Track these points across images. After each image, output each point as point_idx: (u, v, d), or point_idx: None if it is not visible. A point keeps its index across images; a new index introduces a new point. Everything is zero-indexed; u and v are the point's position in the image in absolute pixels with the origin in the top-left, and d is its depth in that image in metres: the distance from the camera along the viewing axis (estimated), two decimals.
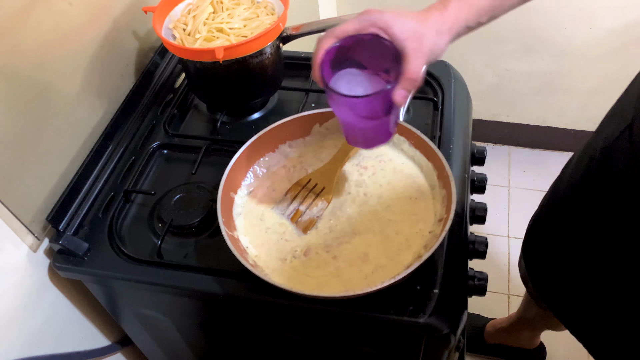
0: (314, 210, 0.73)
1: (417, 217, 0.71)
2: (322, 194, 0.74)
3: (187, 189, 0.79)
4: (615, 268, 0.68)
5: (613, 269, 0.69)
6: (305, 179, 0.76)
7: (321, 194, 0.74)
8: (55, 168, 0.78)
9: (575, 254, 0.76)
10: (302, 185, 0.75)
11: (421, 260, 0.61)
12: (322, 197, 0.74)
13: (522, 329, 1.32)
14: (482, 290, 0.74)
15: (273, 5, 0.88)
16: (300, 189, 0.75)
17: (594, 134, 0.76)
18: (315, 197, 0.74)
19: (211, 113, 0.94)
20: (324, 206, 0.73)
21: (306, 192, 0.74)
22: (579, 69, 1.63)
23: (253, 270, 0.62)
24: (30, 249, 0.74)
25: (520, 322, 1.31)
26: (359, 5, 1.59)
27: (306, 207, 0.73)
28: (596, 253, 0.71)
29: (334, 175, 0.75)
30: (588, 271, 0.74)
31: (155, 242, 0.74)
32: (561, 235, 0.79)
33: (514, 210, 1.75)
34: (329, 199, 0.73)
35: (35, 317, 0.76)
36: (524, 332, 1.33)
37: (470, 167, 0.86)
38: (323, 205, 0.73)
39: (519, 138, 1.91)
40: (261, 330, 0.80)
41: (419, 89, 0.59)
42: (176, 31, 0.85)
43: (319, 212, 0.73)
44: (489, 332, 1.42)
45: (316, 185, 0.75)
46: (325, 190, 0.74)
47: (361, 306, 0.65)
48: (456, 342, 0.67)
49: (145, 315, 0.83)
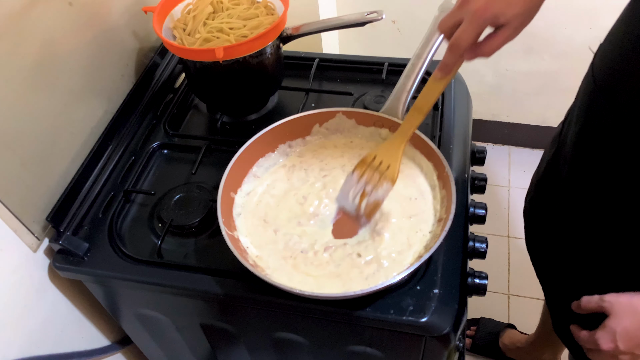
0: (379, 192, 0.68)
1: (417, 217, 0.71)
2: (387, 173, 0.69)
3: (187, 189, 0.79)
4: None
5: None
6: (371, 155, 0.71)
7: (386, 172, 0.69)
8: (55, 168, 0.78)
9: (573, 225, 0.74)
10: (368, 164, 0.70)
11: (421, 260, 0.61)
12: (387, 177, 0.69)
13: (542, 348, 1.29)
14: (482, 290, 0.74)
15: (273, 5, 0.88)
16: (366, 168, 0.70)
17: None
18: (380, 176, 0.69)
19: (211, 113, 0.94)
20: (388, 187, 0.68)
21: (372, 171, 0.70)
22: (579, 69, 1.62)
23: (253, 270, 0.62)
24: (30, 249, 0.74)
25: (539, 340, 1.27)
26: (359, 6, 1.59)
27: (372, 188, 0.69)
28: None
29: (399, 151, 0.70)
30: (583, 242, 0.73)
31: (155, 242, 0.74)
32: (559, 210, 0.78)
33: (514, 210, 1.75)
34: (394, 178, 0.68)
35: (35, 317, 0.76)
36: (544, 353, 1.30)
37: (470, 167, 0.86)
38: (388, 187, 0.68)
39: (519, 138, 1.91)
40: (261, 330, 0.80)
41: (419, 89, 0.59)
42: (176, 31, 0.85)
43: (384, 194, 0.68)
44: (506, 346, 1.39)
45: (381, 163, 0.70)
46: (390, 168, 0.69)
47: (361, 306, 0.65)
48: (456, 342, 0.67)
49: (145, 315, 0.83)
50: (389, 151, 0.70)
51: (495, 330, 1.42)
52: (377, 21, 0.83)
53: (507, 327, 1.43)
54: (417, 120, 0.70)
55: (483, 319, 1.46)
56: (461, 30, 0.58)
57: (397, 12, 1.62)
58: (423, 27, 0.77)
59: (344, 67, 0.99)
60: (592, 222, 0.69)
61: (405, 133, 0.70)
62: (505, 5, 0.55)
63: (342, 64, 0.99)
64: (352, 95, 0.92)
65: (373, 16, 0.82)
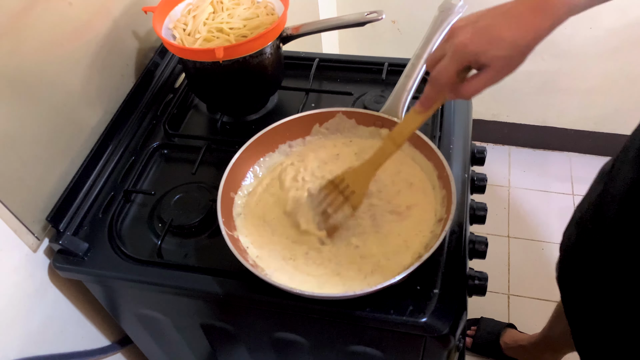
0: (339, 215, 0.70)
1: (417, 217, 0.71)
2: (351, 199, 0.70)
3: (187, 189, 0.79)
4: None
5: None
6: (339, 177, 0.71)
7: (350, 198, 0.70)
8: (55, 168, 0.78)
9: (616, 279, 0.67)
10: (336, 185, 0.71)
11: (421, 260, 0.61)
12: (350, 203, 0.70)
13: (544, 350, 1.28)
14: (482, 290, 0.74)
15: (273, 5, 0.88)
16: (332, 189, 0.71)
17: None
18: (343, 200, 0.70)
19: (211, 113, 0.94)
20: (348, 214, 0.70)
21: (337, 194, 0.71)
22: (579, 69, 1.63)
23: (253, 270, 0.62)
24: (30, 249, 0.74)
25: (543, 342, 1.26)
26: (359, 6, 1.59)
27: (333, 211, 0.70)
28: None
29: (367, 181, 0.69)
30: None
31: (155, 242, 0.74)
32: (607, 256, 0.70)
33: (514, 210, 1.75)
34: (356, 206, 0.69)
35: (35, 317, 0.76)
36: (545, 354, 1.29)
37: (470, 167, 0.86)
38: (347, 213, 0.70)
39: (519, 138, 1.91)
40: (261, 330, 0.80)
41: (419, 89, 0.59)
42: (176, 31, 0.85)
43: (343, 219, 0.70)
44: (507, 344, 1.38)
45: (347, 187, 0.70)
46: (355, 195, 0.70)
47: (361, 306, 0.65)
48: (456, 342, 0.67)
49: (145, 315, 0.83)
50: (357, 178, 0.70)
51: (496, 330, 1.42)
52: (377, 21, 0.83)
53: (507, 326, 1.43)
54: (390, 150, 0.67)
55: (483, 318, 1.46)
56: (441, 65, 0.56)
57: (397, 12, 1.62)
58: (423, 27, 0.77)
59: (344, 67, 0.99)
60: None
61: (375, 163, 0.69)
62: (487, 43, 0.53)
63: (342, 64, 0.99)
64: (352, 95, 0.92)
65: (373, 16, 0.82)
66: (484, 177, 0.88)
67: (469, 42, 0.53)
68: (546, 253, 1.63)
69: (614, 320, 0.68)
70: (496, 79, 0.55)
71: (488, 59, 0.53)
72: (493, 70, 0.54)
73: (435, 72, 0.57)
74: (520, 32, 0.52)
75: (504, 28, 0.53)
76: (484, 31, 0.53)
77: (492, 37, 0.53)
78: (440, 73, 0.56)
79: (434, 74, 0.57)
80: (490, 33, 0.53)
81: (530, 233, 1.68)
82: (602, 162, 0.85)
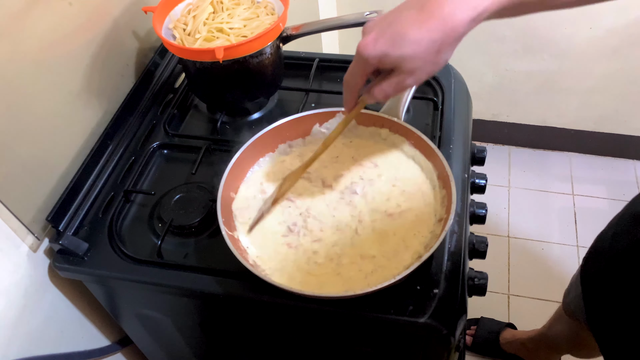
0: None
1: (417, 217, 0.71)
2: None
3: (187, 189, 0.79)
4: None
5: None
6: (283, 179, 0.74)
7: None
8: (55, 168, 0.78)
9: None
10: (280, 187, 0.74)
11: (421, 260, 0.61)
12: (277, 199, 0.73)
13: (540, 347, 1.28)
14: (482, 290, 0.74)
15: (273, 5, 0.88)
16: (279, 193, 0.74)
17: None
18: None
19: (211, 113, 0.95)
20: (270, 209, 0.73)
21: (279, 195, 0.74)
22: (579, 69, 1.63)
23: (253, 270, 0.62)
24: (30, 249, 0.74)
25: (540, 339, 1.26)
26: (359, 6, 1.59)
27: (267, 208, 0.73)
28: None
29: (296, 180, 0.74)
30: None
31: (155, 242, 0.74)
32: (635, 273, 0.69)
33: (514, 210, 1.75)
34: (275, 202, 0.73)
35: (35, 317, 0.76)
36: (541, 351, 1.29)
37: (470, 167, 0.86)
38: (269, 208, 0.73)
39: (519, 138, 1.91)
40: (261, 330, 0.80)
41: (419, 89, 0.58)
42: (176, 31, 0.85)
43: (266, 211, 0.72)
44: (506, 339, 1.39)
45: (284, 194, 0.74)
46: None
47: (361, 306, 0.65)
48: (456, 342, 0.67)
49: (145, 315, 0.83)
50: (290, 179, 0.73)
51: (495, 329, 1.42)
52: None
53: (506, 326, 1.43)
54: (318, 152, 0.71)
55: (483, 318, 1.46)
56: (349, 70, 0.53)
57: None
58: None
59: (344, 67, 0.99)
60: None
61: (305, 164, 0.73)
62: (390, 44, 0.47)
63: (342, 64, 0.99)
64: None
65: (373, 16, 0.82)
66: (484, 177, 0.88)
67: (369, 45, 0.48)
68: (546, 253, 1.63)
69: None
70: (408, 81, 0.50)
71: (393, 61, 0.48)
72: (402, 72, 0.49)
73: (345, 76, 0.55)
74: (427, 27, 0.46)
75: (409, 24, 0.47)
76: (386, 29, 0.48)
77: (395, 37, 0.47)
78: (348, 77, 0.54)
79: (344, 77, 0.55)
80: (392, 31, 0.47)
81: (530, 233, 1.68)
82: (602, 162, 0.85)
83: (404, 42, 0.47)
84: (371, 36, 0.49)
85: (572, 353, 1.22)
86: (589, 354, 1.16)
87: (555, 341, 1.21)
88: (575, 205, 1.72)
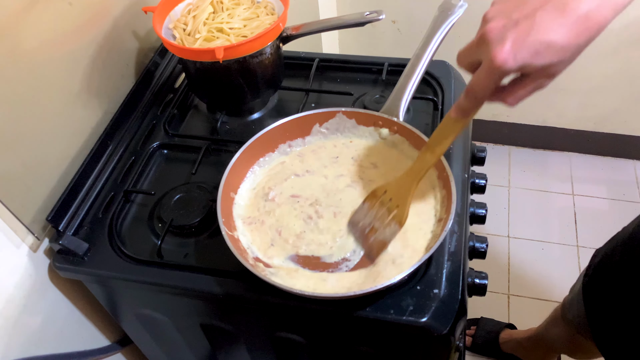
0: (387, 232, 0.66)
1: (417, 217, 0.70)
2: (397, 213, 0.66)
3: (187, 189, 0.79)
4: None
5: None
6: (382, 189, 0.68)
7: (396, 212, 0.66)
8: (55, 168, 0.78)
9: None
10: (379, 197, 0.68)
11: (421, 260, 0.61)
12: (396, 218, 0.66)
13: (537, 346, 1.29)
14: (482, 290, 0.74)
15: (273, 5, 0.88)
16: (376, 201, 0.68)
17: None
18: (389, 215, 0.66)
19: (211, 113, 0.95)
20: (396, 230, 0.65)
21: (382, 206, 0.67)
22: (579, 69, 1.62)
23: (253, 270, 0.62)
24: (30, 249, 0.74)
25: (537, 339, 1.27)
26: (359, 6, 1.59)
27: (380, 225, 0.66)
28: None
29: (409, 193, 0.66)
30: None
31: (155, 242, 0.75)
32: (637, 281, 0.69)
33: (514, 210, 1.75)
34: (402, 221, 0.65)
35: (35, 317, 0.76)
36: (538, 350, 1.30)
37: (470, 167, 0.86)
38: (395, 229, 0.65)
39: (519, 138, 1.91)
40: (261, 330, 0.80)
41: (419, 89, 0.57)
42: (176, 31, 0.85)
43: (391, 235, 0.66)
44: (504, 339, 1.39)
45: (391, 200, 0.67)
46: (399, 209, 0.66)
47: (361, 306, 0.65)
48: (456, 342, 0.67)
49: (145, 315, 0.83)
50: (399, 190, 0.67)
51: (495, 329, 1.42)
52: (377, 21, 0.83)
53: (506, 326, 1.43)
54: (429, 161, 0.65)
55: (483, 318, 1.46)
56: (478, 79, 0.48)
57: (397, 12, 1.62)
58: (423, 27, 0.77)
59: (344, 67, 0.99)
60: None
61: (416, 174, 0.66)
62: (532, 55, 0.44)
63: (342, 64, 0.99)
64: (352, 95, 0.92)
65: (373, 16, 0.82)
66: (484, 177, 0.88)
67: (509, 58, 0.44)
68: (546, 253, 1.63)
69: None
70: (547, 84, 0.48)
71: (535, 69, 0.46)
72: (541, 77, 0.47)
73: (471, 85, 0.50)
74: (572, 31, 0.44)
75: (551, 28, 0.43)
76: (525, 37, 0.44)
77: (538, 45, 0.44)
78: (477, 87, 0.49)
79: (471, 87, 0.50)
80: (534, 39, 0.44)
81: (530, 233, 1.68)
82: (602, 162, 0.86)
83: (550, 51, 0.44)
84: (508, 46, 0.44)
85: (567, 354, 1.22)
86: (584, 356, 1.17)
87: (551, 343, 1.22)
88: (575, 205, 1.72)
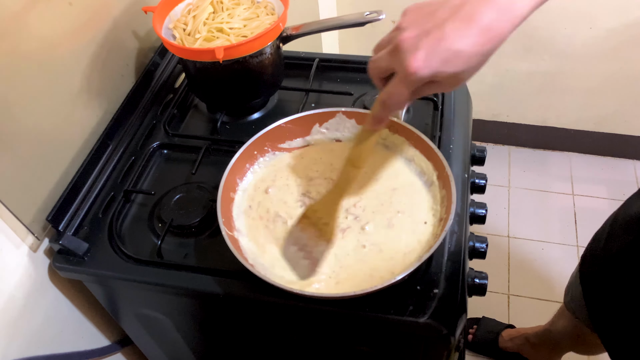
0: (315, 251, 0.66)
1: (417, 217, 0.70)
2: (325, 231, 0.67)
3: (187, 189, 0.79)
4: None
5: None
6: (312, 209, 0.69)
7: (324, 230, 0.67)
8: (56, 168, 0.78)
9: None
10: (309, 217, 0.68)
11: (421, 260, 0.61)
12: (324, 236, 0.67)
13: (544, 342, 1.28)
14: (482, 290, 0.74)
15: (273, 5, 0.88)
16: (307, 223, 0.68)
17: None
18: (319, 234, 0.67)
19: (211, 113, 0.95)
20: (323, 248, 0.66)
21: (313, 227, 0.67)
22: (579, 69, 1.63)
23: (253, 270, 0.62)
24: (30, 249, 0.74)
25: (544, 334, 1.27)
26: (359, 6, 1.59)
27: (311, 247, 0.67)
28: None
29: (336, 209, 0.67)
30: None
31: (155, 242, 0.75)
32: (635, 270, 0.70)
33: (514, 210, 1.75)
34: (330, 239, 0.66)
35: (35, 317, 0.76)
36: (544, 347, 1.29)
37: (470, 167, 0.86)
38: (322, 247, 0.66)
39: (519, 138, 1.91)
40: (261, 330, 0.80)
41: None
42: (176, 31, 0.85)
43: (320, 254, 0.66)
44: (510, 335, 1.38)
45: (321, 219, 0.67)
46: (328, 227, 0.67)
47: (361, 306, 0.65)
48: (456, 342, 0.67)
49: (145, 315, 0.83)
50: (326, 207, 0.67)
51: (496, 329, 1.42)
52: (377, 21, 0.83)
53: (507, 327, 1.43)
54: (354, 175, 0.66)
55: (484, 318, 1.46)
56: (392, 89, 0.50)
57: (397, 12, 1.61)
58: None
59: (344, 67, 0.99)
60: None
61: (341, 188, 0.67)
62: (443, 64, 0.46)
63: (342, 64, 0.99)
64: (352, 95, 0.92)
65: (373, 16, 0.82)
66: (484, 177, 0.88)
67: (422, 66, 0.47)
68: (546, 253, 1.63)
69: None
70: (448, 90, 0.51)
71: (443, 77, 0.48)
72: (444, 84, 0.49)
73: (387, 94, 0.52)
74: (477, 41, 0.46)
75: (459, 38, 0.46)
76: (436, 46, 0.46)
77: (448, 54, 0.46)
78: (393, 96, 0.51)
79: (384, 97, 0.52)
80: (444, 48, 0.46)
81: (530, 233, 1.68)
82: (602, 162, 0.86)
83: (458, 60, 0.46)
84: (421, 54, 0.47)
85: (572, 349, 1.22)
86: (588, 350, 1.17)
87: (557, 338, 1.22)
88: (575, 205, 1.72)
